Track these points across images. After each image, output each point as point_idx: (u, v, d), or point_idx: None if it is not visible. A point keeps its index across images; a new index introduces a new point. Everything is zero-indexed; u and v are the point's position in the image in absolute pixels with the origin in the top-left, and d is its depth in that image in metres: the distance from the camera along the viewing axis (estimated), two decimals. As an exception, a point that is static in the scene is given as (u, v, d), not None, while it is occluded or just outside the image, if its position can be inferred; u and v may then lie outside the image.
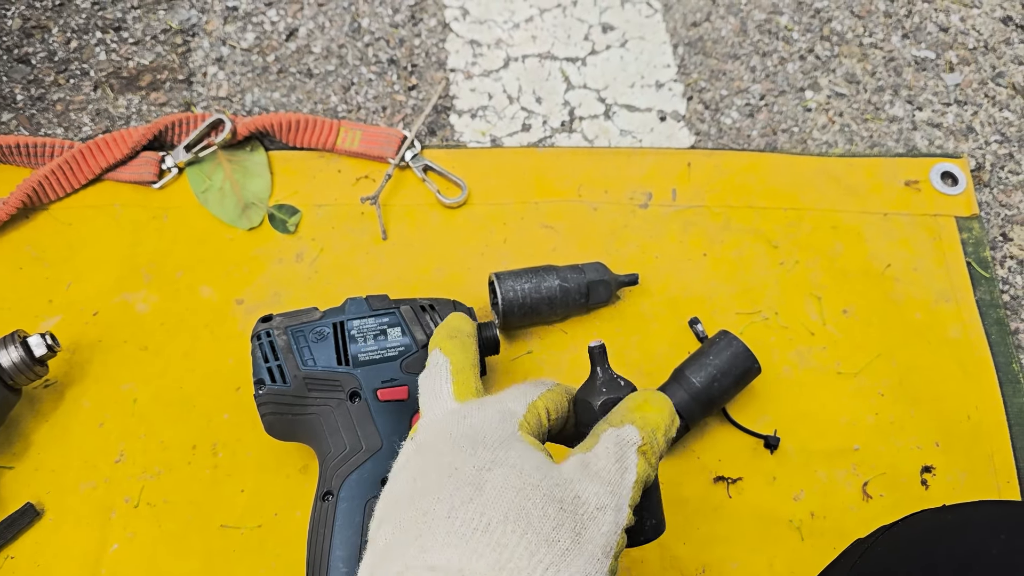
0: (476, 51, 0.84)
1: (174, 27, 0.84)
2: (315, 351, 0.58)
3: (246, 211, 0.74)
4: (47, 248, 0.72)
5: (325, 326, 0.59)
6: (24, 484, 0.63)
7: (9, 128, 0.78)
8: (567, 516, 0.36)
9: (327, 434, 0.57)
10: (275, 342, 0.58)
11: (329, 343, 0.59)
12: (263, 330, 0.59)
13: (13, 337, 0.61)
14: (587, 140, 0.79)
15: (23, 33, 0.83)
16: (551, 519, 0.36)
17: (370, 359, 0.59)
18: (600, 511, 0.37)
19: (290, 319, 0.60)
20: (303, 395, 0.57)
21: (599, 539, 0.36)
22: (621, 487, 0.39)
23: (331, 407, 0.57)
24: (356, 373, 0.58)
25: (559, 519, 0.36)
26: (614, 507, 0.38)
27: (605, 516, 0.37)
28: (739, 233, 0.75)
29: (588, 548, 0.35)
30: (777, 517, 0.63)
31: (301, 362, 0.58)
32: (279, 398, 0.57)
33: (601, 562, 0.35)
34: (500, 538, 0.34)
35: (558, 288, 0.66)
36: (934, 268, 0.74)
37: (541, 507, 0.36)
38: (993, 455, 0.66)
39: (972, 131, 0.82)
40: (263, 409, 0.58)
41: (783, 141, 0.80)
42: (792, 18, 0.88)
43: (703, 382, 0.62)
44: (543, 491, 0.37)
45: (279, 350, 0.58)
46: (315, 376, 0.58)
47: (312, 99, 0.81)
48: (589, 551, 0.35)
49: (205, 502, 0.62)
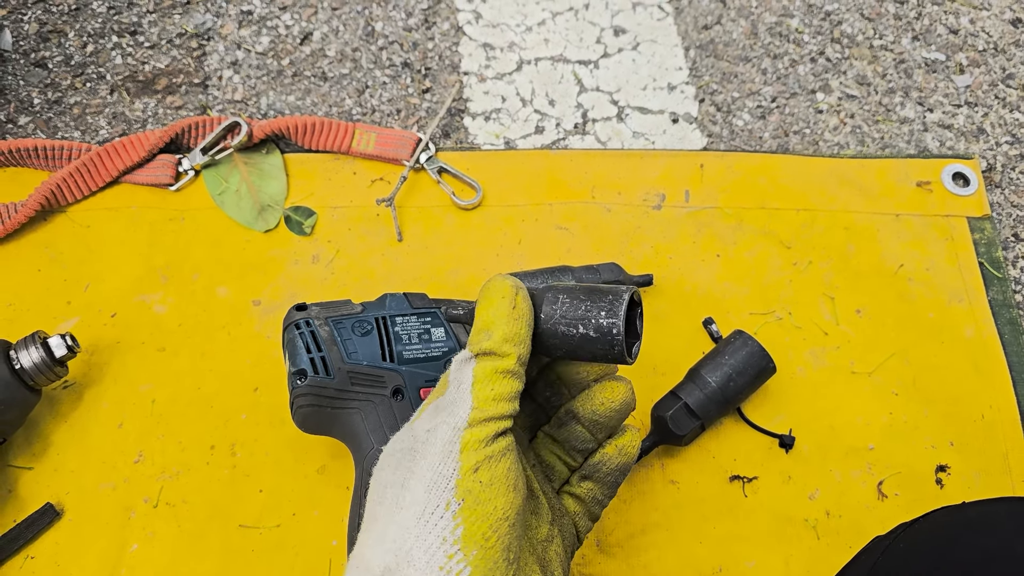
0: (489, 54, 0.85)
1: (189, 31, 0.85)
2: (359, 345, 0.57)
3: (262, 213, 0.74)
4: (65, 250, 0.72)
5: (368, 320, 0.59)
6: (44, 485, 0.63)
7: (27, 131, 0.78)
8: (405, 456, 0.38)
9: (368, 430, 0.55)
10: (317, 332, 0.57)
11: (373, 338, 0.58)
12: (301, 319, 0.57)
13: (34, 338, 0.61)
14: (600, 142, 0.80)
15: (40, 37, 0.84)
16: (390, 469, 0.38)
17: (414, 357, 0.58)
18: (429, 433, 0.38)
19: (327, 310, 0.59)
20: (346, 389, 0.56)
21: (437, 446, 0.37)
22: (455, 403, 0.38)
23: (374, 403, 0.56)
24: (401, 370, 0.58)
25: (398, 462, 0.38)
26: (448, 420, 0.38)
27: (440, 430, 0.38)
28: (752, 234, 0.75)
29: (425, 462, 0.37)
30: (793, 516, 0.63)
31: (346, 355, 0.56)
32: (320, 391, 0.55)
33: (445, 462, 0.36)
34: (370, 510, 0.38)
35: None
36: (947, 268, 0.74)
37: (388, 463, 0.38)
38: (1008, 454, 0.66)
39: (983, 132, 0.82)
40: (300, 401, 0.56)
41: (795, 143, 0.81)
42: (803, 21, 0.89)
43: (719, 381, 0.63)
44: (391, 452, 0.39)
45: (322, 341, 0.56)
46: (359, 371, 0.56)
47: (327, 102, 0.81)
48: (427, 463, 0.37)
49: (224, 502, 0.63)
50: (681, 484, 0.64)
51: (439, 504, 0.35)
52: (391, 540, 0.35)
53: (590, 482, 0.46)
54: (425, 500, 0.35)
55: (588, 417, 0.44)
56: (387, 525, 0.36)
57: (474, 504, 0.35)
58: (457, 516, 0.35)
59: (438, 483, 0.36)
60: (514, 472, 0.37)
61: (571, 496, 0.46)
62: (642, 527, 0.62)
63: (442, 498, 0.35)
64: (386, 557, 0.35)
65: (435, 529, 0.35)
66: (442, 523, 0.35)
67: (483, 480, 0.36)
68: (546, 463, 0.46)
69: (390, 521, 0.36)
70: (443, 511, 0.35)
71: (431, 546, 0.34)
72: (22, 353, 0.61)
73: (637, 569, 0.61)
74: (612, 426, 0.45)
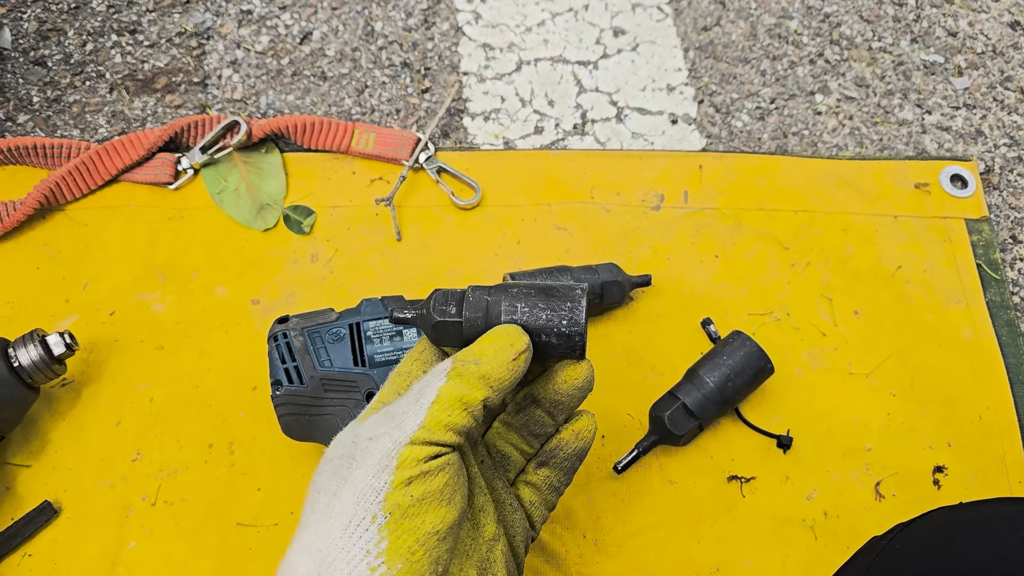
0: (489, 54, 0.85)
1: (189, 30, 0.85)
2: (332, 352, 0.59)
3: (261, 212, 0.74)
4: (64, 248, 0.72)
5: (341, 327, 0.60)
6: (42, 482, 0.63)
7: (26, 129, 0.78)
8: (340, 462, 0.38)
9: None
10: (292, 343, 0.59)
11: (345, 344, 0.59)
12: (280, 331, 0.60)
13: (32, 336, 0.61)
14: (599, 143, 0.80)
15: (39, 36, 0.84)
16: (326, 474, 0.38)
17: (386, 360, 0.59)
18: (371, 441, 0.38)
19: (306, 320, 0.61)
20: (320, 396, 0.58)
21: (373, 458, 0.37)
22: (407, 415, 0.38)
23: (348, 408, 0.58)
24: (372, 374, 0.58)
25: (334, 469, 0.38)
26: (392, 428, 0.38)
27: (380, 440, 0.37)
28: (750, 235, 0.75)
29: (359, 472, 0.36)
30: (790, 516, 0.63)
31: (318, 363, 0.58)
32: (296, 399, 0.58)
33: (378, 477, 0.36)
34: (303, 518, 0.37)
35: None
36: (944, 270, 0.74)
37: (324, 471, 0.38)
38: (1005, 455, 0.66)
39: (981, 134, 0.83)
40: (280, 410, 0.58)
41: (793, 144, 0.81)
42: (802, 22, 0.89)
43: (717, 382, 0.63)
44: (327, 458, 0.39)
45: (296, 351, 0.59)
46: (332, 377, 0.58)
47: (326, 102, 0.81)
48: (361, 474, 0.36)
49: (222, 500, 0.63)
50: (679, 484, 0.64)
51: (365, 517, 0.35)
52: (316, 550, 0.35)
53: (546, 468, 0.46)
54: (352, 512, 0.35)
55: (549, 398, 0.44)
56: (315, 534, 0.36)
57: (401, 518, 0.35)
58: (383, 529, 0.35)
59: (367, 496, 0.36)
60: (451, 486, 0.37)
61: (527, 485, 0.46)
62: (640, 527, 0.62)
63: (369, 511, 0.35)
64: (310, 566, 0.35)
65: (359, 542, 0.35)
66: (367, 536, 0.35)
67: (414, 494, 0.36)
68: (501, 453, 0.46)
69: (319, 530, 0.36)
70: (368, 524, 0.35)
71: (354, 558, 0.34)
72: (20, 351, 0.61)
73: (635, 569, 0.61)
74: (572, 406, 0.45)
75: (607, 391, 0.67)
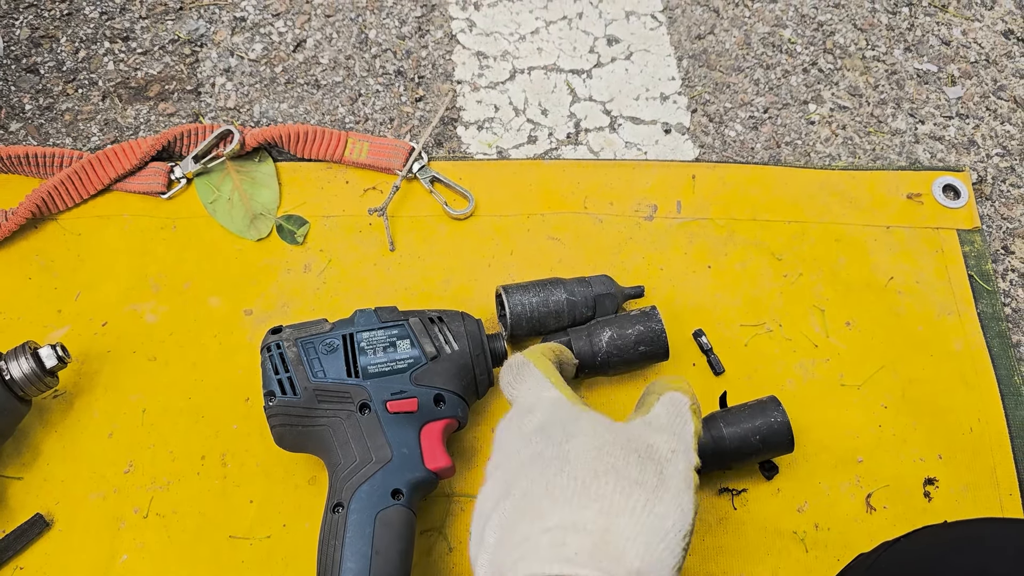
0: (483, 63, 0.85)
1: (182, 37, 0.85)
2: (325, 363, 0.59)
3: (254, 222, 0.74)
4: (56, 258, 0.72)
5: (335, 338, 0.60)
6: (33, 495, 0.63)
7: (18, 138, 0.78)
8: (647, 461, 0.44)
9: (337, 446, 0.57)
10: (285, 354, 0.59)
11: (339, 355, 0.59)
12: (273, 342, 0.60)
13: (24, 348, 0.61)
14: (592, 152, 0.80)
15: (31, 43, 0.84)
16: (634, 466, 0.43)
17: (380, 371, 0.59)
18: (674, 454, 0.45)
19: (299, 331, 0.61)
20: (313, 407, 0.58)
21: (679, 475, 0.44)
22: (684, 435, 0.47)
23: (341, 419, 0.58)
24: (366, 385, 0.59)
25: (641, 465, 0.43)
26: (684, 450, 0.46)
27: (678, 458, 0.45)
28: (743, 245, 0.75)
29: (672, 483, 0.43)
30: (781, 529, 0.63)
31: (311, 374, 0.58)
32: (289, 410, 0.58)
33: (685, 494, 0.43)
34: (597, 490, 0.42)
35: (565, 302, 0.66)
36: (936, 281, 0.74)
37: (623, 458, 0.44)
38: (995, 468, 0.66)
39: (974, 144, 0.83)
40: (273, 421, 0.58)
41: (787, 154, 0.81)
42: (795, 31, 0.89)
43: (733, 444, 0.61)
44: (620, 445, 0.45)
45: (289, 362, 0.59)
46: (325, 388, 0.58)
47: (320, 110, 0.81)
48: (674, 485, 0.43)
49: (214, 513, 0.63)
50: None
51: (681, 530, 0.42)
52: (643, 545, 0.40)
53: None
54: (674, 522, 0.42)
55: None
56: (637, 531, 0.40)
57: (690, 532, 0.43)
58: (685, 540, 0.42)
59: (684, 510, 0.42)
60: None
61: None
62: (631, 539, 0.63)
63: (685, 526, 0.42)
64: (637, 563, 0.39)
65: (677, 552, 0.41)
66: (680, 547, 0.41)
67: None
68: None
69: (641, 527, 0.41)
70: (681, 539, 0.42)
71: (668, 567, 0.40)
72: (12, 364, 0.60)
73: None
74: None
75: (598, 404, 0.67)
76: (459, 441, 0.65)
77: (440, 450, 0.58)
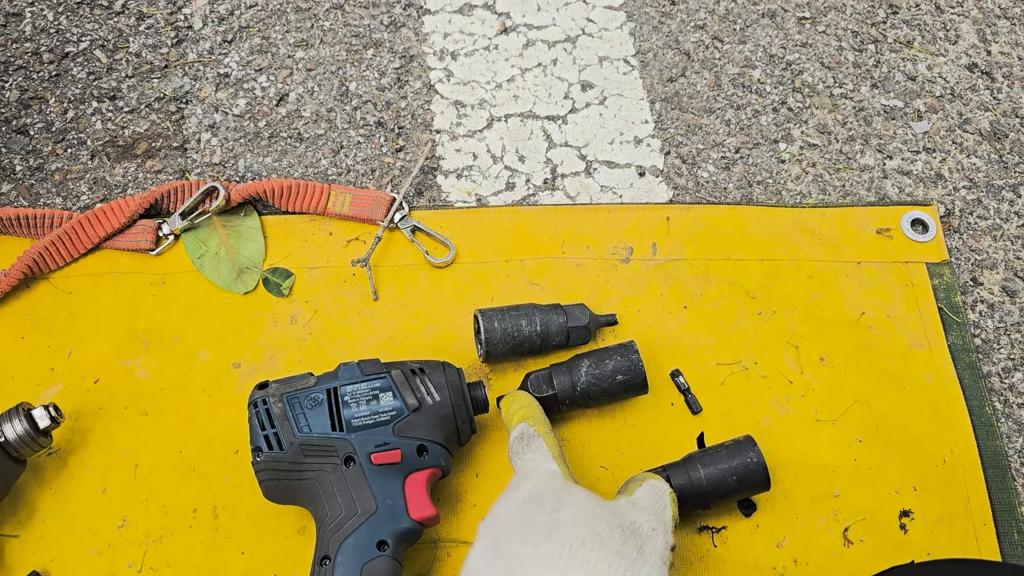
0: (460, 112, 0.87)
1: (168, 95, 0.87)
2: (310, 417, 0.61)
3: (241, 275, 0.76)
4: (48, 317, 0.74)
5: (319, 392, 0.62)
6: (30, 552, 0.64)
7: (9, 199, 0.80)
8: (630, 536, 0.49)
9: (323, 499, 0.59)
10: (271, 409, 0.61)
11: (323, 409, 0.61)
12: (259, 398, 0.61)
13: (18, 410, 0.63)
14: (569, 197, 0.82)
15: (21, 104, 0.86)
16: (617, 539, 0.48)
17: (363, 424, 0.61)
18: (654, 532, 0.51)
19: (285, 386, 0.62)
20: (299, 461, 0.60)
21: (657, 552, 0.49)
22: (664, 517, 0.54)
23: (327, 472, 0.60)
24: (350, 438, 0.60)
25: (623, 538, 0.48)
26: (663, 530, 0.52)
27: (658, 536, 0.51)
28: (718, 285, 0.77)
29: (651, 558, 0.48)
30: (761, 565, 0.65)
31: (296, 429, 0.60)
32: (276, 465, 0.60)
33: (661, 569, 0.48)
34: (583, 556, 0.46)
35: (539, 323, 0.70)
36: (907, 314, 0.76)
37: (608, 530, 0.48)
38: (969, 498, 0.68)
39: (941, 178, 0.85)
40: (261, 476, 0.60)
41: (758, 193, 0.83)
42: (764, 71, 0.91)
43: (711, 484, 0.62)
44: (606, 519, 0.49)
45: (275, 417, 0.60)
46: (310, 443, 0.60)
47: (303, 163, 0.83)
48: (652, 560, 0.48)
49: (207, 565, 0.64)
50: (652, 536, 0.66)
51: None
52: None
53: None
54: None
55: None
56: None
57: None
58: None
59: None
60: None
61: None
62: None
63: None
64: None
65: None
66: None
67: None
68: None
69: None
70: None
71: None
72: (6, 426, 0.62)
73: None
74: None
75: (579, 444, 0.69)
76: (444, 488, 0.67)
77: (425, 500, 0.60)
